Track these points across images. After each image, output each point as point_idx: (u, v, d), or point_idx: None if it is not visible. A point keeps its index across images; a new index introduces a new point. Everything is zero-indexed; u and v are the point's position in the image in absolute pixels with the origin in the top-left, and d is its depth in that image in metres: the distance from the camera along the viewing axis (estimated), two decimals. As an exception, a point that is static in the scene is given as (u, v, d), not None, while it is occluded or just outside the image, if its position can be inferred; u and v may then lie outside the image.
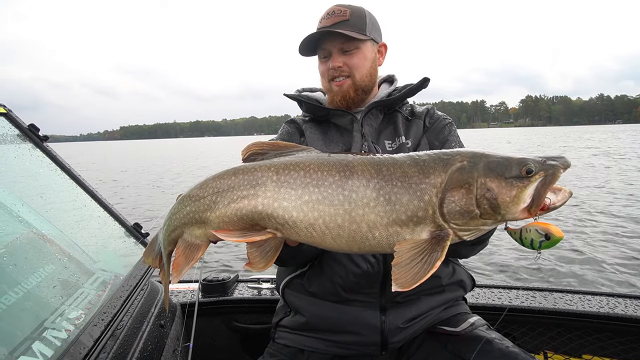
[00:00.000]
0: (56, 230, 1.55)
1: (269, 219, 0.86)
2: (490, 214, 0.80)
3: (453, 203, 0.79)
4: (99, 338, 1.09)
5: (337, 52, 1.29)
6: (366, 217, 0.81)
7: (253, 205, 0.87)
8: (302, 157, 0.90)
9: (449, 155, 0.85)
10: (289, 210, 0.85)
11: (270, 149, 0.95)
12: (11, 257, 1.25)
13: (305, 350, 1.29)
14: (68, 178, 1.61)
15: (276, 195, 0.86)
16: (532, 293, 1.82)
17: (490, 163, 0.81)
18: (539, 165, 0.79)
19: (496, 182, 0.79)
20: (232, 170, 0.92)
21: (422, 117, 1.39)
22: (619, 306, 1.65)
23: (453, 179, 0.80)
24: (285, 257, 1.06)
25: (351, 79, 1.30)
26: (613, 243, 5.62)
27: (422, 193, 0.80)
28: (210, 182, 0.94)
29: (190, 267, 0.98)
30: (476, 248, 1.20)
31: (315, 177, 0.85)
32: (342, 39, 1.26)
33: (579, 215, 7.26)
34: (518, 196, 0.78)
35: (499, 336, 1.21)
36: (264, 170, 0.88)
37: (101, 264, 1.58)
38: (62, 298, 1.21)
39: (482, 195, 0.79)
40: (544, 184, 0.78)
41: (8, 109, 1.51)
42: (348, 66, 1.29)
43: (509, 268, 4.81)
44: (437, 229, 0.81)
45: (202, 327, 1.87)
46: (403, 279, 0.76)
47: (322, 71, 1.35)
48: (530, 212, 0.80)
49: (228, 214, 0.89)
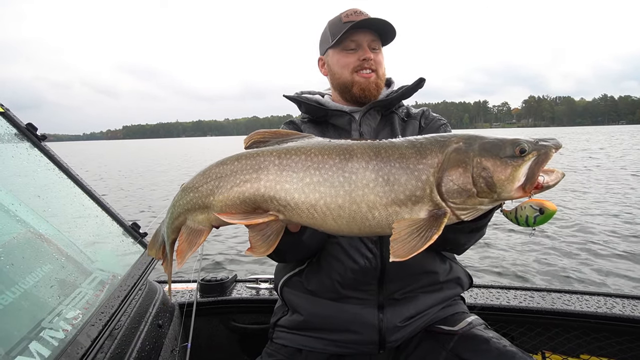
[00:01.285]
0: (54, 230, 1.54)
1: (271, 201, 0.88)
2: (487, 192, 0.82)
3: (451, 182, 0.82)
4: (97, 338, 1.08)
5: (366, 46, 1.33)
6: (366, 197, 0.83)
7: (256, 188, 0.89)
8: (304, 142, 0.93)
9: (445, 137, 0.88)
10: (291, 192, 0.87)
11: (272, 137, 0.97)
12: (8, 256, 1.25)
13: (303, 349, 1.29)
14: (66, 177, 1.60)
15: (278, 178, 0.88)
16: (530, 293, 1.83)
17: (485, 144, 0.84)
18: (532, 145, 0.82)
19: (491, 161, 0.82)
20: (235, 156, 0.94)
21: (417, 118, 1.43)
22: (617, 306, 1.66)
23: (450, 159, 0.83)
24: (285, 248, 1.06)
25: (376, 74, 1.36)
26: (611, 243, 5.63)
27: (420, 173, 0.83)
28: (213, 169, 0.96)
29: (193, 252, 0.99)
30: (474, 236, 1.20)
31: (317, 161, 0.87)
32: (372, 36, 1.33)
33: (577, 215, 7.28)
34: (513, 174, 0.81)
35: (496, 335, 1.22)
36: (266, 155, 0.91)
37: (99, 263, 1.57)
38: (59, 298, 1.21)
39: (478, 174, 0.82)
40: (537, 163, 0.81)
41: (6, 108, 1.50)
42: (375, 62, 1.34)
43: (507, 269, 4.82)
44: (435, 207, 0.83)
45: (200, 327, 1.87)
46: (400, 250, 0.79)
47: (346, 63, 1.35)
48: (525, 190, 0.82)
49: (231, 197, 0.91)
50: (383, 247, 1.22)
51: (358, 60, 1.33)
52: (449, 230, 0.84)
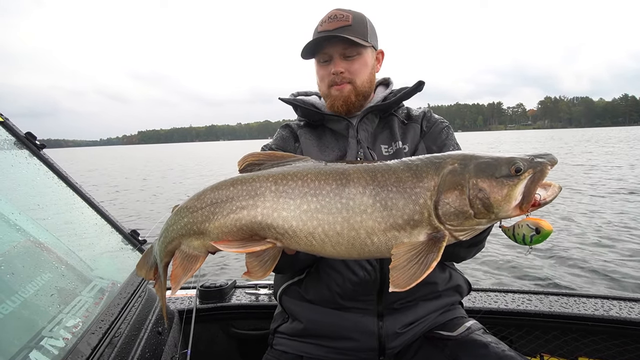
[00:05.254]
0: (53, 238, 1.54)
1: (268, 229, 0.87)
2: (484, 213, 0.82)
3: (447, 205, 0.82)
4: (97, 346, 1.08)
5: (338, 57, 1.27)
6: (364, 223, 0.83)
7: (252, 215, 0.88)
8: (299, 166, 0.91)
9: (440, 158, 0.87)
10: (289, 219, 0.86)
11: (267, 159, 0.95)
12: (8, 265, 1.25)
13: (304, 356, 1.29)
14: (65, 186, 1.61)
15: (275, 205, 0.87)
16: (528, 296, 1.84)
17: (481, 164, 0.84)
18: (527, 163, 0.82)
19: (487, 182, 0.82)
20: (230, 180, 0.93)
21: (419, 121, 1.38)
22: (614, 308, 1.67)
23: (446, 181, 0.83)
24: (282, 265, 1.06)
25: (352, 85, 1.29)
26: (607, 246, 5.66)
27: (417, 197, 0.82)
28: (208, 193, 0.94)
29: (188, 278, 0.98)
30: (473, 250, 1.21)
31: (313, 187, 0.86)
32: (344, 44, 1.25)
33: (573, 218, 7.31)
34: (509, 194, 0.81)
35: (495, 340, 1.22)
36: (262, 181, 0.89)
37: (98, 271, 1.57)
38: (59, 306, 1.21)
39: (474, 195, 0.81)
40: (533, 181, 0.81)
41: (5, 117, 1.51)
42: (349, 72, 1.28)
43: (505, 272, 4.83)
44: (433, 231, 0.83)
45: (200, 334, 1.86)
46: (400, 280, 0.78)
47: (322, 75, 1.32)
48: (522, 208, 0.82)
49: (227, 224, 0.90)
50: (383, 260, 1.20)
51: (330, 73, 1.28)
52: (448, 245, 0.84)
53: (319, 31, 1.27)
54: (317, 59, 1.32)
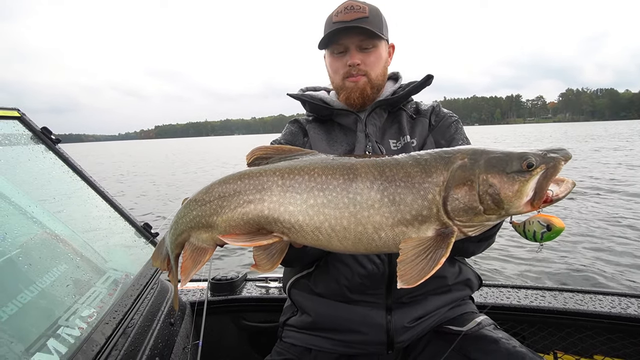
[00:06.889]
0: (69, 231, 1.59)
1: (275, 223, 0.87)
2: (494, 209, 0.80)
3: (457, 200, 0.80)
4: (111, 336, 1.11)
5: (355, 48, 1.26)
6: (372, 218, 0.82)
7: (259, 209, 0.88)
8: (306, 160, 0.91)
9: (450, 153, 0.85)
10: (295, 214, 0.85)
11: (275, 153, 0.95)
12: (26, 257, 1.29)
13: (313, 349, 1.30)
14: (80, 179, 1.64)
15: (282, 199, 0.87)
16: (541, 292, 1.80)
17: (491, 159, 0.82)
18: (539, 158, 0.79)
19: (498, 178, 0.80)
20: (237, 174, 0.93)
21: (427, 115, 1.36)
22: (632, 306, 1.62)
23: (455, 176, 0.81)
24: (291, 259, 1.06)
25: (367, 77, 1.28)
26: (625, 243, 5.50)
27: (426, 192, 0.81)
28: (216, 187, 0.95)
29: (197, 270, 0.99)
30: (483, 244, 1.19)
31: (320, 181, 0.85)
32: (361, 35, 1.23)
33: (589, 214, 7.13)
34: (520, 190, 0.79)
35: (506, 336, 1.21)
36: (269, 175, 0.89)
37: (112, 263, 1.61)
38: (75, 297, 1.24)
39: (484, 191, 0.80)
40: (546, 177, 0.79)
41: (22, 112, 1.55)
42: (365, 64, 1.27)
43: (518, 267, 4.75)
44: (442, 226, 0.81)
45: (211, 325, 1.90)
46: (408, 275, 0.77)
47: (337, 67, 1.30)
48: (533, 205, 0.80)
49: (234, 218, 0.90)
50: (392, 254, 1.18)
51: (346, 65, 1.27)
52: (457, 240, 0.83)
53: (334, 22, 1.26)
54: (331, 50, 1.31)
